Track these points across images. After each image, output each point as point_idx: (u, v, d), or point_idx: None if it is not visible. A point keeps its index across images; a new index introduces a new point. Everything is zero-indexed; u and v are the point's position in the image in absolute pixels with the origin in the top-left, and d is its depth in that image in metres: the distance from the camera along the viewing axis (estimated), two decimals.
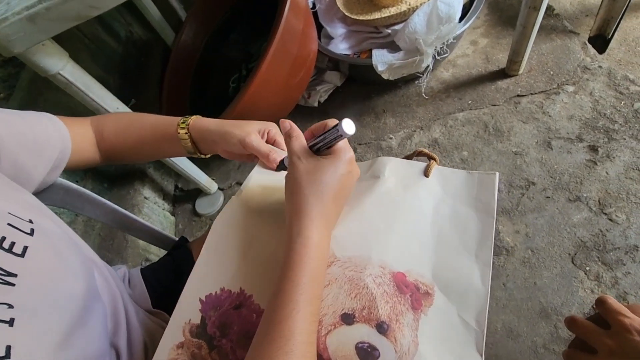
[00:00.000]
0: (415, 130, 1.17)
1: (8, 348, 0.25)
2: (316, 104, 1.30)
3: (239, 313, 0.35)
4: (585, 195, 0.93)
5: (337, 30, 1.24)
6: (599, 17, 1.14)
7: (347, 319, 0.33)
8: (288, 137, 0.38)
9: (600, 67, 1.10)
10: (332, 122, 0.37)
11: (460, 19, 1.06)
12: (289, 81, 1.05)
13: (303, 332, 0.28)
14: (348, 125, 0.33)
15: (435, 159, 0.43)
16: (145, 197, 1.15)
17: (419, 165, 0.42)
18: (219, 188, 1.27)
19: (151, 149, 0.54)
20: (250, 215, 0.41)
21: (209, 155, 0.54)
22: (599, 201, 0.91)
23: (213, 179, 1.26)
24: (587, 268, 0.85)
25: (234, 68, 1.42)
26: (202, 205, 1.25)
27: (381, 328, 0.32)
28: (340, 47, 1.23)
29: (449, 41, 1.03)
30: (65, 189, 0.48)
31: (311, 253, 0.32)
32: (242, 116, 1.00)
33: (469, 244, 0.36)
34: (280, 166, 0.43)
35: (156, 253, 1.11)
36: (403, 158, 0.46)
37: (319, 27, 1.25)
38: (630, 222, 0.87)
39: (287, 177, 0.37)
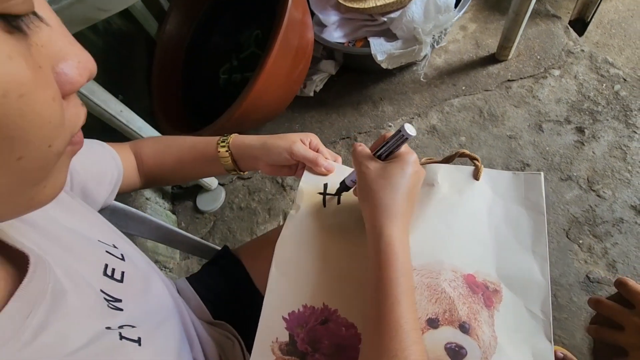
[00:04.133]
0: (413, 117, 1.20)
1: None
2: (312, 94, 1.29)
3: (326, 328, 0.37)
4: (575, 174, 1.00)
5: (330, 17, 1.23)
6: (579, 1, 1.20)
7: (433, 323, 0.36)
8: (354, 149, 0.40)
9: (582, 50, 1.17)
10: (390, 133, 0.38)
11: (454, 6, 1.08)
12: (291, 73, 1.04)
13: (408, 320, 0.30)
14: (410, 128, 0.35)
15: (477, 160, 0.46)
16: (147, 198, 1.12)
17: (466, 169, 0.45)
18: (219, 184, 1.25)
19: (190, 170, 0.53)
20: (314, 233, 0.42)
21: (246, 173, 0.54)
22: (587, 179, 0.99)
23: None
24: (580, 241, 0.93)
25: (224, 58, 1.37)
26: (204, 202, 1.24)
27: (464, 328, 0.35)
28: (335, 35, 1.22)
29: (447, 29, 1.05)
30: (111, 209, 0.47)
31: (396, 249, 0.33)
32: (247, 112, 0.99)
33: (525, 242, 0.40)
34: (342, 187, 0.44)
35: (164, 254, 1.09)
36: (444, 159, 0.48)
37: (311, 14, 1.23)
38: (616, 197, 0.96)
39: (359, 184, 0.39)
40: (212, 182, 1.23)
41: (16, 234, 0.27)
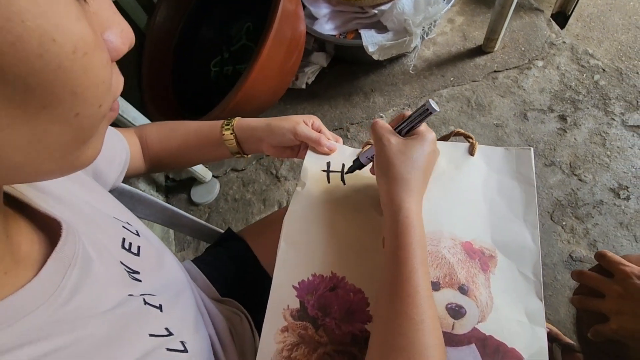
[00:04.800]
0: (404, 108, 1.23)
1: (167, 329, 0.29)
2: (304, 86, 1.31)
3: (335, 294, 0.39)
4: (558, 160, 1.05)
5: (321, 10, 1.24)
6: None
7: (435, 286, 0.38)
8: (374, 123, 0.41)
9: (564, 42, 1.22)
10: (409, 112, 0.40)
11: None
12: (284, 65, 1.05)
13: (424, 287, 0.32)
14: (434, 104, 0.37)
15: (472, 137, 0.49)
16: (141, 191, 1.12)
17: (462, 146, 0.48)
18: (213, 176, 1.26)
19: (195, 154, 0.54)
20: (320, 206, 0.44)
21: (250, 155, 0.56)
22: (570, 164, 1.04)
23: (207, 167, 1.24)
24: (564, 223, 0.98)
25: (214, 51, 1.37)
26: (198, 194, 1.24)
27: (462, 289, 0.38)
28: (326, 27, 1.23)
29: (436, 21, 1.08)
30: (119, 191, 0.48)
31: (414, 222, 0.35)
32: (241, 103, 1.00)
33: (517, 211, 0.43)
34: (356, 164, 0.45)
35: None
36: (441, 138, 0.51)
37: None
38: (596, 180, 1.01)
39: (377, 158, 0.39)
40: (206, 174, 1.23)
41: (45, 204, 0.28)
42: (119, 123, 0.90)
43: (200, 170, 1.21)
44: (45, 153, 0.18)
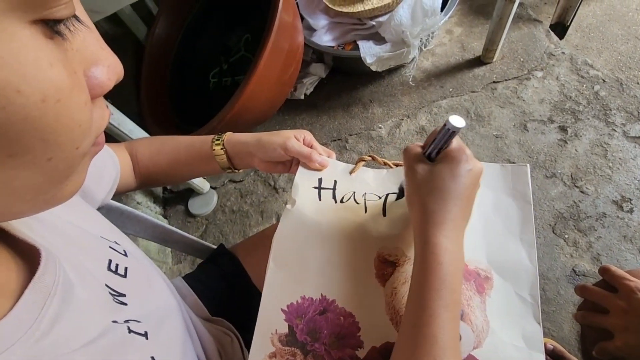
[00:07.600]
0: (402, 119, 1.22)
1: (153, 358, 0.28)
2: (302, 97, 1.31)
3: (325, 318, 0.38)
4: (559, 171, 1.04)
5: (320, 21, 1.24)
6: (559, 6, 1.25)
7: None
8: (404, 149, 0.39)
9: (563, 53, 1.21)
10: (437, 129, 0.36)
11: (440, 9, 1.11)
12: (282, 76, 1.05)
13: (445, 336, 0.29)
14: (456, 120, 0.32)
15: None
16: (138, 202, 1.12)
17: None
18: (211, 187, 1.25)
19: (185, 169, 0.54)
20: (311, 226, 0.43)
21: (241, 170, 0.55)
22: (571, 176, 1.03)
23: (205, 178, 1.24)
24: (566, 236, 0.96)
25: (213, 62, 1.38)
26: (196, 206, 1.23)
27: None
28: (324, 38, 1.24)
29: (434, 33, 1.08)
30: (107, 208, 0.47)
31: (441, 259, 0.31)
32: (239, 115, 0.99)
33: (513, 230, 0.42)
34: (401, 192, 0.44)
35: (156, 258, 1.09)
36: None
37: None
38: (598, 192, 0.99)
39: (406, 188, 0.37)
40: (204, 185, 1.22)
41: (25, 228, 0.27)
42: (116, 137, 0.90)
43: (198, 181, 1.20)
44: (13, 196, 0.17)
